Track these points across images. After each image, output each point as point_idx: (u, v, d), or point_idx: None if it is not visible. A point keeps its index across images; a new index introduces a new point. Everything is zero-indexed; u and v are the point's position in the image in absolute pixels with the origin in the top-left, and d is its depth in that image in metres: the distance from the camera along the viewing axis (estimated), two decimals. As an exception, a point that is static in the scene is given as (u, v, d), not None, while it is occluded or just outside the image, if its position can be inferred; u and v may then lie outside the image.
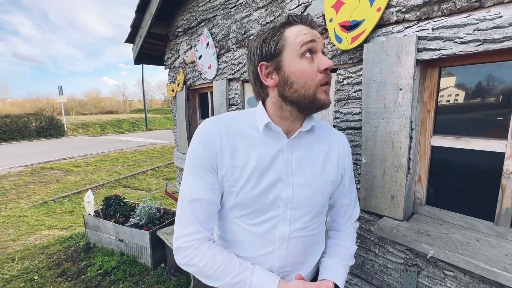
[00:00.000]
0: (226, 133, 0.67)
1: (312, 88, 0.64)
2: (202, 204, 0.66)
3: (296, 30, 0.63)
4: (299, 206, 0.70)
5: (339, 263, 0.78)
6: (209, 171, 0.66)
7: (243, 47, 1.59)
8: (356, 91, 1.05)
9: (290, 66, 0.63)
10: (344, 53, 1.06)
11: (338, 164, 0.76)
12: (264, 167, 0.67)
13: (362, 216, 1.10)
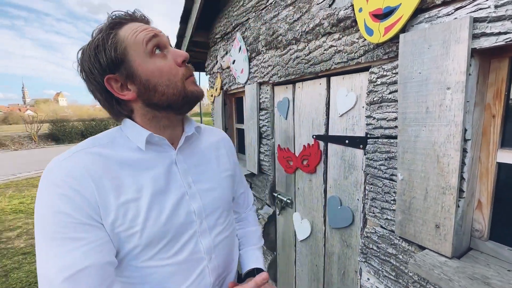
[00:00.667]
0: (100, 168, 0.53)
1: (179, 83, 0.57)
2: (90, 272, 0.47)
3: (131, 29, 0.54)
4: (212, 212, 0.67)
5: (255, 248, 0.84)
6: (90, 226, 0.50)
7: (272, 48, 1.51)
8: (392, 92, 0.87)
9: (144, 69, 0.55)
10: (378, 47, 0.89)
11: (229, 159, 0.78)
12: (162, 189, 0.59)
13: (399, 244, 0.90)
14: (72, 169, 0.51)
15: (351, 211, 1.13)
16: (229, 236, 0.74)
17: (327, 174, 1.26)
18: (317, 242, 1.38)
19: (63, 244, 0.47)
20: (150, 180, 0.58)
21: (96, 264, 0.48)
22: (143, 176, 0.57)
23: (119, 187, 0.54)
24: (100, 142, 0.57)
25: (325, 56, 1.13)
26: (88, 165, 0.52)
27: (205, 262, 0.65)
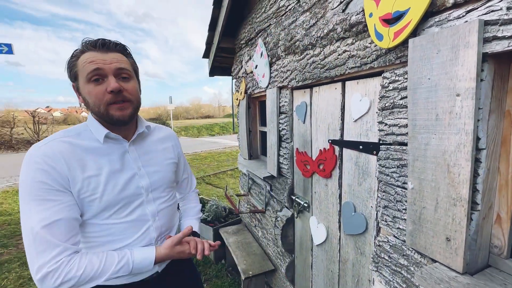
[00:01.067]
0: (70, 152, 0.75)
1: (102, 106, 0.76)
2: (60, 224, 0.69)
3: (85, 58, 0.74)
4: (157, 187, 0.91)
5: (192, 218, 1.11)
6: (62, 192, 0.72)
7: (290, 53, 1.53)
8: (403, 98, 0.84)
9: (83, 89, 0.77)
10: (390, 51, 0.87)
11: (173, 150, 1.03)
12: (117, 169, 0.81)
13: (411, 256, 0.87)
14: (49, 152, 0.72)
15: (364, 218, 1.11)
16: (171, 205, 0.98)
17: (342, 179, 1.25)
18: (332, 247, 1.36)
19: (42, 204, 0.69)
20: (107, 162, 0.80)
21: (66, 218, 0.71)
22: (102, 160, 0.80)
23: (84, 166, 0.76)
24: (70, 134, 0.80)
25: (340, 61, 1.12)
26: (61, 150, 0.74)
27: (150, 222, 0.89)
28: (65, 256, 0.69)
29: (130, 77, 0.82)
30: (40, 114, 17.07)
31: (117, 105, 0.78)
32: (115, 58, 0.77)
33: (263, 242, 2.27)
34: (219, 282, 2.49)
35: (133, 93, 0.82)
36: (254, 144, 2.63)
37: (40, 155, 0.71)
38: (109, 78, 0.76)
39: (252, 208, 2.42)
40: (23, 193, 0.70)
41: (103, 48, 0.76)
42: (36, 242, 0.67)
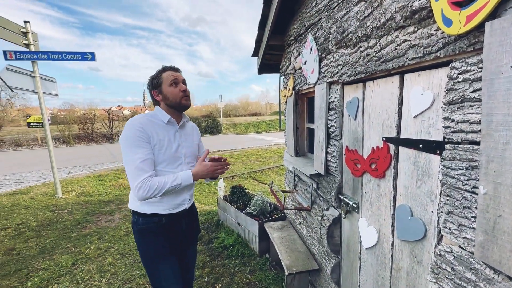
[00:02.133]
0: (149, 124, 1.31)
1: (178, 99, 1.38)
2: (149, 160, 1.25)
3: (167, 74, 1.38)
4: (189, 156, 1.46)
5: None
6: (148, 143, 1.27)
7: (342, 47, 1.47)
8: (476, 90, 0.74)
9: (166, 90, 1.37)
10: (461, 38, 0.77)
11: (197, 135, 1.60)
12: (171, 140, 1.37)
13: (481, 270, 0.76)
14: (142, 120, 1.30)
15: (423, 224, 1.01)
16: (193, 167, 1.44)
17: (397, 180, 1.15)
18: (384, 252, 1.27)
19: (140, 148, 1.24)
20: (167, 134, 1.36)
21: (151, 158, 1.27)
22: (165, 132, 1.36)
23: (157, 133, 1.32)
24: (149, 115, 1.37)
25: (398, 52, 1.04)
26: (146, 122, 1.31)
27: None
28: (150, 177, 1.22)
29: (186, 85, 1.44)
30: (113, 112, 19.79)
31: (185, 97, 1.39)
32: (181, 75, 1.42)
33: (308, 240, 2.24)
34: (262, 275, 2.55)
35: (189, 92, 1.43)
36: (301, 141, 2.60)
37: (137, 122, 1.27)
38: (179, 84, 1.39)
39: (298, 205, 2.41)
40: (127, 142, 1.23)
41: (175, 69, 1.42)
42: (136, 170, 1.21)
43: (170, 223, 1.39)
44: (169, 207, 1.37)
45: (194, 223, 1.57)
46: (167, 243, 1.39)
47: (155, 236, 1.37)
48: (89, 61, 4.68)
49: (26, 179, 7.14)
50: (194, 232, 1.59)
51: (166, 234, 1.38)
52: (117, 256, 2.95)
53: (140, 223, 1.36)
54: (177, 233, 1.44)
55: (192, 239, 1.59)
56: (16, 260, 2.91)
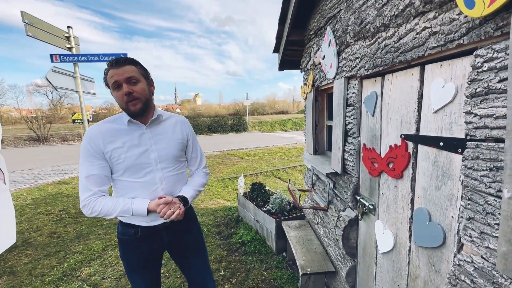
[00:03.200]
0: (104, 133, 1.14)
1: (124, 105, 1.13)
2: (93, 177, 1.11)
3: (109, 74, 1.11)
4: (164, 160, 1.22)
5: (190, 187, 1.31)
6: (94, 157, 1.12)
7: (360, 39, 1.39)
8: (502, 80, 0.65)
9: (113, 94, 1.15)
10: (487, 21, 0.68)
11: (181, 132, 1.32)
12: (135, 144, 1.17)
13: (505, 285, 0.67)
14: (92, 130, 1.14)
15: (442, 230, 0.92)
16: (176, 175, 1.27)
17: (416, 181, 1.06)
18: (400, 259, 1.19)
19: (86, 162, 1.11)
20: (129, 139, 1.16)
21: (97, 174, 1.12)
22: (126, 137, 1.16)
23: (114, 141, 1.14)
24: (109, 119, 1.20)
25: (418, 41, 0.95)
26: (101, 130, 1.14)
27: (158, 185, 1.21)
28: (94, 197, 1.10)
29: (138, 81, 1.13)
30: (146, 110, 20.95)
31: (131, 102, 1.12)
32: (125, 71, 1.10)
33: (325, 241, 2.17)
34: (278, 273, 2.53)
35: (140, 92, 1.13)
36: (320, 139, 2.52)
37: (89, 133, 1.14)
38: (122, 86, 1.10)
39: (315, 205, 2.34)
40: (81, 154, 1.14)
41: (117, 64, 1.11)
42: (81, 185, 1.11)
43: (148, 235, 1.24)
44: (144, 219, 1.21)
45: (183, 237, 1.35)
46: (143, 256, 1.26)
47: (130, 249, 1.25)
48: (122, 61, 4.99)
49: (69, 170, 7.89)
50: (187, 246, 1.38)
51: (143, 246, 1.25)
52: (142, 245, 3.14)
53: (119, 231, 1.27)
54: (157, 246, 1.29)
55: (188, 252, 1.39)
56: (56, 243, 3.23)
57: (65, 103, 26.80)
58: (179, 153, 1.28)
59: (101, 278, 2.49)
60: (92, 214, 1.10)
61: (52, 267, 2.68)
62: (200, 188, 1.37)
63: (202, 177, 1.42)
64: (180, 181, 1.31)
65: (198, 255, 1.42)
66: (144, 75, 1.18)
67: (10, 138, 15.98)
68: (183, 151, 1.33)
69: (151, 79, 1.24)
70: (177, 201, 1.19)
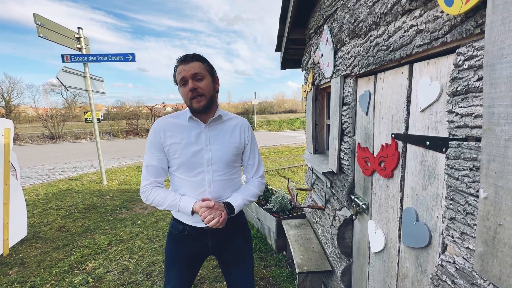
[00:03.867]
0: (168, 126, 1.18)
1: (188, 101, 1.14)
2: (151, 167, 1.18)
3: (178, 70, 1.13)
4: (216, 162, 1.18)
5: (240, 195, 1.23)
6: (155, 149, 1.17)
7: (354, 37, 1.38)
8: (480, 79, 0.64)
9: (179, 90, 1.16)
10: (468, 19, 0.67)
11: (240, 136, 1.25)
12: (191, 142, 1.16)
13: (483, 286, 0.66)
14: (159, 123, 1.20)
15: (428, 230, 0.91)
16: (225, 181, 1.22)
17: (405, 180, 1.05)
18: (391, 259, 1.18)
19: (148, 152, 1.19)
20: (187, 136, 1.17)
21: (155, 165, 1.18)
22: (185, 134, 1.17)
23: (173, 136, 1.16)
24: (173, 115, 1.23)
25: (406, 39, 0.94)
26: (163, 124, 1.19)
27: (206, 187, 1.18)
28: (150, 186, 1.17)
29: (203, 78, 1.13)
30: (156, 109, 21.35)
31: (195, 99, 1.12)
32: (191, 68, 1.10)
33: (322, 240, 2.17)
34: (277, 271, 2.54)
35: (205, 88, 1.13)
36: (320, 138, 2.51)
37: (155, 125, 1.21)
38: (188, 82, 1.11)
39: (313, 204, 2.34)
40: (146, 144, 1.21)
41: (185, 61, 1.12)
42: (142, 174, 1.21)
43: (194, 235, 1.22)
44: (190, 218, 1.20)
45: (227, 245, 1.28)
46: (186, 254, 1.26)
47: (176, 244, 1.26)
48: (130, 61, 5.11)
49: (80, 167, 8.13)
50: (230, 255, 1.30)
51: (188, 245, 1.24)
52: (146, 241, 3.21)
53: (170, 224, 1.29)
54: (201, 249, 1.25)
55: (230, 262, 1.31)
56: (64, 237, 3.35)
57: (79, 102, 27.59)
58: (232, 158, 1.21)
59: (105, 271, 2.57)
60: (147, 202, 1.17)
61: (60, 260, 2.78)
62: (251, 198, 1.27)
63: (256, 186, 1.30)
64: (231, 187, 1.24)
65: (239, 266, 1.32)
66: (210, 72, 1.17)
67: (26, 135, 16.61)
68: (238, 156, 1.26)
69: (217, 76, 1.22)
70: (220, 207, 1.14)
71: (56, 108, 20.99)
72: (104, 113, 22.66)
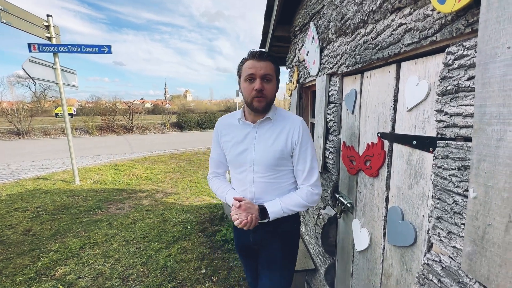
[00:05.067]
0: (226, 124, 1.28)
1: (249, 99, 1.13)
2: (213, 160, 1.34)
3: (247, 64, 1.12)
4: (258, 164, 1.18)
5: (280, 202, 1.17)
6: (216, 144, 1.32)
7: (341, 35, 1.37)
8: (471, 78, 0.63)
9: (242, 84, 1.16)
10: (459, 18, 0.67)
11: (286, 139, 1.17)
12: (239, 141, 1.22)
13: (469, 285, 0.67)
14: (220, 120, 1.33)
15: (413, 229, 0.91)
16: (267, 183, 1.19)
17: (390, 180, 1.06)
18: (375, 257, 1.18)
19: (212, 146, 1.35)
20: (236, 135, 1.23)
21: (215, 158, 1.34)
22: (235, 133, 1.23)
23: (227, 134, 1.26)
24: (231, 114, 1.30)
25: (394, 38, 0.93)
26: (223, 122, 1.30)
27: (247, 186, 1.21)
28: (211, 175, 1.36)
29: (271, 80, 1.13)
30: (134, 105, 20.53)
31: (258, 99, 1.11)
32: (264, 66, 1.09)
33: (306, 239, 2.17)
34: (260, 271, 2.52)
35: (269, 91, 1.13)
36: (304, 136, 2.50)
37: (218, 121, 1.32)
38: (256, 80, 1.10)
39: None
40: None
41: (257, 58, 1.10)
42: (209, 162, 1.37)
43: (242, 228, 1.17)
44: None
45: (263, 247, 1.28)
46: (240, 243, 1.37)
47: (235, 232, 1.40)
48: (105, 53, 4.82)
49: (50, 165, 7.60)
50: (264, 257, 1.29)
51: (239, 235, 1.34)
52: (123, 243, 3.05)
53: None
54: (246, 242, 1.30)
55: (263, 263, 1.30)
56: (31, 241, 3.09)
57: (49, 96, 25.81)
58: (275, 162, 1.16)
59: (77, 277, 2.40)
60: (211, 187, 1.36)
61: (25, 266, 2.56)
62: (294, 207, 1.17)
63: (302, 195, 1.18)
64: (275, 190, 1.20)
65: (270, 271, 1.29)
66: (277, 75, 1.18)
67: (-13, 131, 15.24)
68: (284, 160, 1.18)
69: (279, 79, 1.21)
70: (251, 208, 1.12)
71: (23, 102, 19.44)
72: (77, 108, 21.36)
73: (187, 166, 7.54)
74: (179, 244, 3.00)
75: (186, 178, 6.23)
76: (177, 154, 9.37)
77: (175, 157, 8.94)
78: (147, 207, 4.26)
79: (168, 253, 2.81)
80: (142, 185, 5.63)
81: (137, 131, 17.63)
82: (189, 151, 9.98)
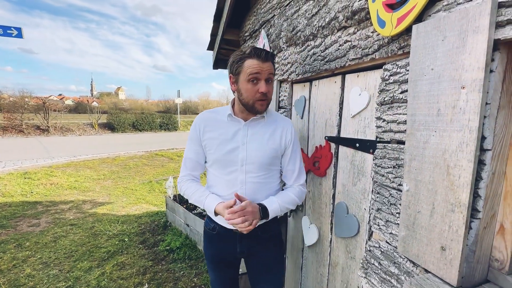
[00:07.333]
0: (208, 121, 1.15)
1: (251, 101, 1.05)
2: (188, 160, 1.18)
3: (250, 63, 1.01)
4: (251, 162, 1.11)
5: (276, 199, 1.13)
6: (194, 142, 1.16)
7: (292, 45, 1.47)
8: (404, 92, 0.77)
9: (242, 84, 1.05)
10: (393, 41, 0.80)
11: (280, 138, 1.15)
12: (228, 139, 1.11)
13: (403, 264, 0.80)
14: (200, 116, 1.17)
15: (357, 221, 1.04)
16: (259, 183, 1.13)
17: (337, 178, 1.18)
18: (323, 250, 1.30)
19: (188, 144, 1.17)
20: (225, 132, 1.12)
21: (191, 158, 1.17)
22: (222, 130, 1.12)
23: (212, 131, 1.13)
24: (215, 110, 1.19)
25: (340, 52, 1.05)
26: (204, 118, 1.15)
27: (238, 187, 1.12)
28: (185, 178, 1.19)
29: (271, 81, 1.07)
30: (51, 102, 17.38)
31: (261, 102, 1.06)
32: (269, 67, 1.03)
33: (256, 240, 2.22)
34: (209, 278, 2.45)
35: (271, 93, 1.08)
36: (253, 139, 2.57)
37: (197, 118, 1.17)
38: (261, 82, 1.03)
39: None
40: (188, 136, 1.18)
41: (263, 58, 1.01)
42: (182, 163, 1.21)
43: (224, 236, 1.17)
44: (221, 218, 1.10)
45: (254, 255, 1.22)
46: (217, 253, 1.23)
47: (208, 242, 1.25)
48: (14, 37, 3.96)
49: None
50: (255, 266, 1.25)
51: (218, 244, 1.21)
52: (39, 267, 2.53)
53: (204, 221, 1.28)
54: (230, 251, 1.19)
55: (255, 273, 1.26)
56: None
57: None
58: (268, 161, 1.13)
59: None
60: (181, 192, 1.20)
61: None
62: (289, 205, 1.15)
63: (295, 193, 1.17)
64: (265, 191, 1.15)
65: (267, 275, 1.25)
66: (274, 75, 1.15)
67: None
68: (277, 159, 1.16)
69: None
70: (255, 208, 1.04)
71: None
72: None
73: (121, 172, 6.77)
74: (115, 260, 2.67)
75: (121, 185, 5.59)
76: (108, 159, 8.33)
77: (106, 162, 7.93)
78: (72, 221, 3.66)
79: (102, 272, 2.47)
80: (64, 196, 4.80)
81: (55, 132, 14.95)
82: (123, 155, 9.00)
